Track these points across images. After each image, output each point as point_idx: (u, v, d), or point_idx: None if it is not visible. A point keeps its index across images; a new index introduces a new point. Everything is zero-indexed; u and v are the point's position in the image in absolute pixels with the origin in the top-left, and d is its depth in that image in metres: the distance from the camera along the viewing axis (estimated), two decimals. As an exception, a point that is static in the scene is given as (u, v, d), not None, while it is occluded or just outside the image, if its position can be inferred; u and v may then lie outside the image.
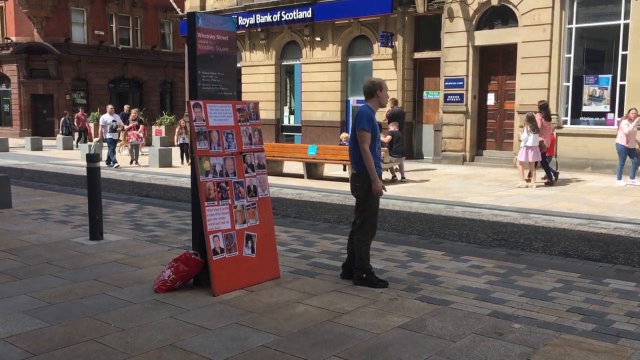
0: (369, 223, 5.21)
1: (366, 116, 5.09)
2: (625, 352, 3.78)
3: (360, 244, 5.22)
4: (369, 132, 5.07)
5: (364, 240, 5.21)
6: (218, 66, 5.27)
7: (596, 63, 15.43)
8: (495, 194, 11.54)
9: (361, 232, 5.22)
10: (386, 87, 5.27)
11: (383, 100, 5.25)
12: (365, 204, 5.21)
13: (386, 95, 5.26)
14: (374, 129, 5.10)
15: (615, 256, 6.79)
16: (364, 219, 5.23)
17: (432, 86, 18.59)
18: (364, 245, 5.22)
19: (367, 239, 5.22)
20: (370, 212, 5.20)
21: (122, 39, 35.19)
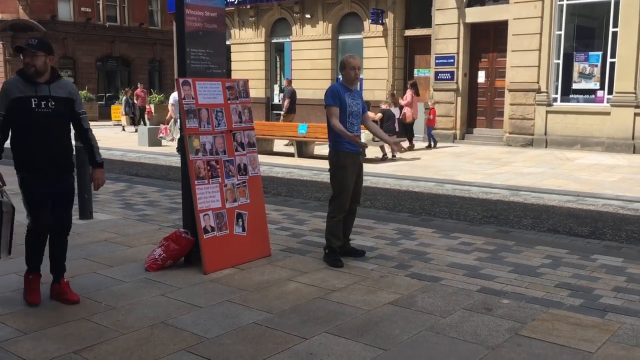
0: (337, 200, 5.21)
1: (329, 92, 5.16)
2: (612, 326, 3.84)
3: (327, 220, 5.26)
4: (335, 106, 5.09)
5: (331, 217, 5.22)
6: (207, 43, 5.21)
7: (586, 40, 15.42)
8: (486, 171, 11.59)
9: (330, 208, 5.26)
10: (351, 66, 5.15)
11: (347, 78, 5.21)
12: (333, 180, 5.25)
13: (350, 74, 5.16)
14: (343, 103, 5.10)
15: (603, 232, 6.86)
16: (332, 195, 5.27)
17: (423, 64, 18.52)
18: (329, 222, 5.23)
19: (334, 215, 5.21)
20: (338, 188, 5.20)
21: (109, 16, 34.66)
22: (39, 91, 4.05)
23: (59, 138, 4.15)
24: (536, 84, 15.50)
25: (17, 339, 3.64)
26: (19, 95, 4.00)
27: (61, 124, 4.16)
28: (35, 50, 4.02)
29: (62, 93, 4.14)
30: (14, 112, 4.01)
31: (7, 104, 4.02)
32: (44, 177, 4.10)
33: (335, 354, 3.45)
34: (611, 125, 14.50)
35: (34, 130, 4.04)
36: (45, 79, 4.09)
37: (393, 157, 13.68)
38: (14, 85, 4.06)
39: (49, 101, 4.06)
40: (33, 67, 4.02)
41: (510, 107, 16.04)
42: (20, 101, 4.00)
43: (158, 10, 36.80)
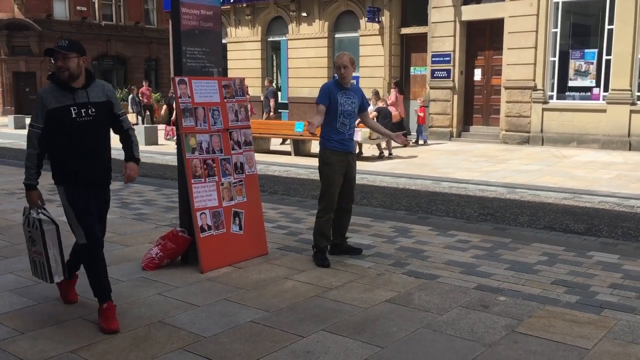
0: (324, 197, 5.21)
1: (321, 89, 5.18)
2: (608, 322, 3.86)
3: (316, 218, 5.26)
4: (322, 104, 5.09)
5: (320, 216, 5.22)
6: (203, 42, 5.20)
7: (582, 37, 15.44)
8: (482, 169, 11.60)
9: (319, 206, 5.27)
10: (336, 66, 5.17)
11: (338, 77, 5.21)
12: (321, 177, 5.25)
13: (340, 74, 5.15)
14: (334, 102, 5.08)
15: (599, 229, 6.88)
16: (320, 192, 5.28)
17: (420, 62, 18.53)
18: (318, 220, 5.23)
19: (323, 215, 5.20)
20: (325, 185, 5.20)
21: (105, 15, 34.60)
22: (77, 98, 3.77)
23: (100, 146, 3.91)
24: (532, 82, 15.52)
25: (14, 338, 3.64)
26: (57, 105, 3.71)
27: (102, 130, 3.90)
28: (67, 51, 3.70)
29: (101, 97, 3.87)
30: (52, 123, 3.72)
31: (45, 115, 3.73)
32: (89, 189, 3.87)
33: (333, 351, 3.46)
34: (607, 123, 14.53)
35: (75, 140, 3.77)
36: (81, 83, 3.80)
37: (390, 155, 13.68)
38: (50, 94, 3.74)
39: (89, 108, 3.79)
40: (66, 70, 3.71)
41: (507, 104, 16.06)
42: (59, 111, 3.71)
43: (154, 8, 36.74)
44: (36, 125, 3.75)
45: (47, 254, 3.80)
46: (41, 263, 3.86)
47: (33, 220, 3.81)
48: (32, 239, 3.86)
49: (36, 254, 3.88)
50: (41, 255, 3.83)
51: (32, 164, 3.77)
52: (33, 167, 3.78)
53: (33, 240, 3.85)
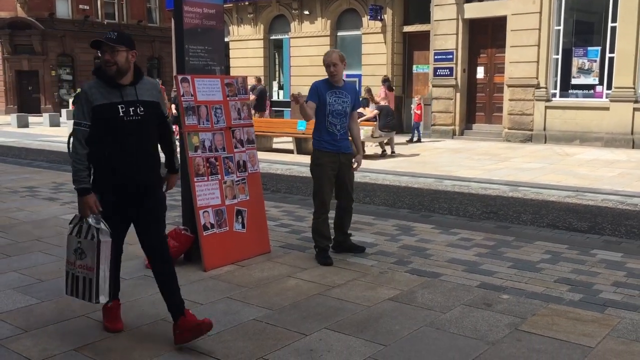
0: (316, 198, 5.20)
1: (311, 88, 5.17)
2: (611, 321, 3.85)
3: (313, 220, 5.26)
4: (311, 101, 5.08)
5: (315, 217, 5.22)
6: (205, 40, 5.20)
7: (585, 35, 15.41)
8: (485, 167, 11.59)
9: (314, 207, 5.27)
10: (325, 64, 5.14)
11: (328, 75, 5.19)
12: (312, 178, 5.24)
13: (330, 72, 5.13)
14: (322, 102, 5.06)
15: (603, 227, 6.86)
16: (312, 193, 5.28)
17: (422, 60, 18.51)
18: (314, 222, 5.23)
19: (317, 216, 5.19)
20: (315, 187, 5.20)
21: (107, 14, 34.63)
22: (125, 95, 3.45)
23: (148, 149, 3.57)
24: (535, 80, 15.50)
25: (17, 336, 3.64)
26: (103, 102, 3.39)
27: (151, 132, 3.58)
28: (115, 44, 3.39)
29: (150, 96, 3.56)
30: (97, 121, 3.39)
31: (90, 112, 3.39)
32: (128, 198, 3.52)
33: (336, 349, 3.46)
34: (610, 121, 14.50)
35: (121, 142, 3.43)
36: (129, 80, 3.48)
37: (392, 153, 13.67)
38: (96, 89, 3.42)
39: (137, 107, 3.47)
40: (114, 65, 3.40)
41: (509, 102, 16.04)
42: (105, 109, 3.39)
43: (156, 7, 36.76)
44: (83, 122, 3.40)
45: (98, 269, 3.40)
46: (88, 279, 3.43)
47: (88, 229, 3.41)
48: (80, 250, 3.44)
49: (83, 269, 3.44)
50: (90, 271, 3.41)
51: (83, 165, 3.41)
52: (84, 169, 3.41)
53: (81, 253, 3.43)
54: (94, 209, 3.41)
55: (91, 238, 3.39)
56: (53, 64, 32.73)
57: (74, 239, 3.47)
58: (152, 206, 3.63)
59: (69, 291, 3.54)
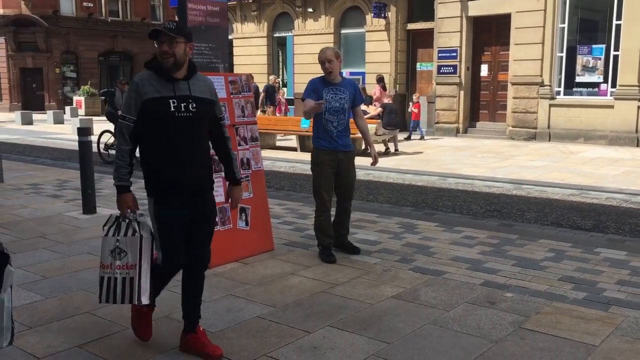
0: (316, 197, 5.20)
1: (307, 86, 5.16)
2: (615, 319, 3.84)
3: (314, 218, 5.26)
4: (309, 100, 5.05)
5: (316, 216, 5.22)
6: (209, 38, 5.21)
7: (590, 33, 15.36)
8: (489, 165, 11.57)
9: (315, 206, 5.26)
10: (320, 61, 5.09)
11: (324, 72, 5.14)
12: (312, 177, 5.23)
13: (325, 69, 5.08)
14: (319, 99, 5.02)
15: (607, 226, 6.85)
16: (313, 192, 5.27)
17: (426, 57, 18.48)
18: (315, 220, 5.23)
19: (319, 214, 5.18)
20: (314, 186, 5.19)
21: (111, 11, 34.66)
22: (177, 90, 3.21)
23: (200, 149, 3.32)
24: (539, 78, 15.46)
25: (21, 333, 3.65)
26: (155, 96, 3.16)
27: (203, 130, 3.34)
28: (175, 34, 3.17)
29: (203, 92, 3.32)
30: (147, 116, 3.17)
31: (139, 106, 3.17)
32: (182, 201, 3.26)
33: (339, 347, 3.46)
34: (615, 119, 14.46)
35: (171, 139, 3.19)
36: (183, 74, 3.26)
37: (396, 151, 13.66)
38: (147, 81, 3.20)
39: (190, 103, 3.23)
40: (172, 56, 3.17)
41: (513, 100, 16.00)
42: (156, 103, 3.16)
43: (160, 4, 36.77)
44: (128, 117, 3.20)
45: (141, 267, 3.18)
46: (129, 279, 3.19)
47: (128, 226, 3.22)
48: (119, 250, 3.22)
49: (122, 269, 3.20)
50: (132, 269, 3.18)
51: (124, 161, 3.22)
52: (125, 166, 3.23)
53: (120, 252, 3.21)
54: (132, 207, 3.26)
55: (132, 234, 3.19)
56: (57, 61, 32.79)
57: (111, 239, 3.23)
58: (200, 212, 3.34)
59: (104, 297, 3.24)
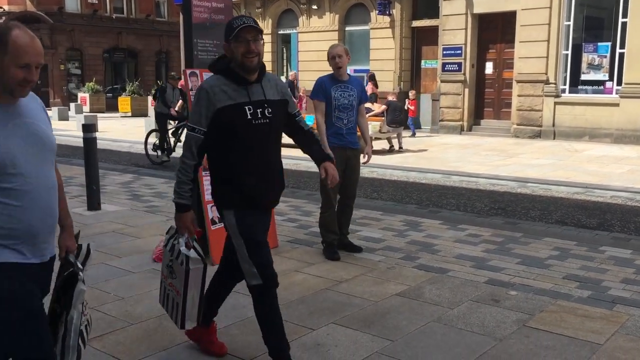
0: (323, 193, 5.20)
1: (315, 85, 5.14)
2: (620, 318, 3.83)
3: (319, 215, 5.27)
4: (318, 100, 5.06)
5: (321, 212, 5.23)
6: (214, 34, 5.20)
7: (595, 31, 15.29)
8: (493, 163, 11.54)
9: (321, 203, 5.27)
10: (330, 56, 5.10)
11: (333, 68, 5.14)
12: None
13: (335, 63, 5.08)
14: (328, 97, 5.03)
15: (612, 224, 6.82)
16: (319, 188, 5.27)
17: (430, 55, 18.44)
18: (320, 217, 5.24)
19: (324, 211, 5.20)
20: (321, 183, 5.15)
21: (116, 8, 34.68)
22: (252, 94, 2.90)
23: (277, 157, 3.08)
24: (544, 75, 15.41)
25: (26, 329, 3.66)
26: (229, 103, 2.84)
27: (279, 137, 3.07)
28: (259, 32, 2.86)
29: (276, 94, 3.01)
30: (219, 126, 2.86)
31: (211, 115, 2.84)
32: (264, 211, 3.06)
33: (343, 344, 3.46)
34: (620, 117, 14.40)
35: (248, 149, 2.90)
36: (256, 76, 2.94)
37: (400, 148, 13.64)
38: (218, 88, 2.86)
39: (265, 108, 2.92)
40: (256, 56, 2.86)
41: (518, 98, 15.95)
42: (230, 111, 2.84)
43: (164, 1, 36.76)
44: (198, 128, 2.88)
45: (186, 296, 3.03)
46: (175, 303, 3.10)
47: (179, 253, 3.02)
48: (171, 268, 3.10)
49: (172, 288, 3.12)
50: (178, 295, 3.07)
51: (188, 177, 2.95)
52: (188, 182, 2.96)
53: (172, 272, 3.10)
54: (190, 229, 2.99)
55: (181, 263, 3.00)
56: (62, 58, 32.84)
57: (167, 254, 3.11)
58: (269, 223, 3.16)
59: (161, 302, 3.25)
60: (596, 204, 8.02)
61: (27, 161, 2.17)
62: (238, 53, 2.84)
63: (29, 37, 2.18)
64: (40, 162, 2.25)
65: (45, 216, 2.25)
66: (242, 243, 2.95)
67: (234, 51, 2.85)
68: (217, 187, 3.03)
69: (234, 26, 2.85)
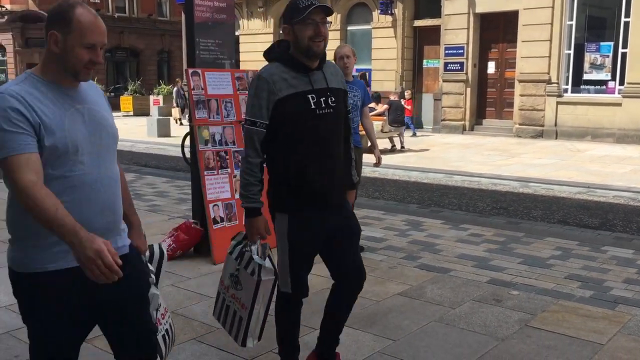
0: None
1: None
2: (622, 317, 3.82)
3: None
4: None
5: None
6: (216, 34, 5.21)
7: (598, 30, 15.27)
8: (495, 163, 11.53)
9: None
10: (339, 56, 5.07)
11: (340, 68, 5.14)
12: None
13: (343, 64, 5.05)
14: None
15: (614, 224, 6.81)
16: None
17: (432, 54, 18.42)
18: None
19: None
20: None
21: (118, 7, 34.68)
22: (314, 82, 2.64)
23: (342, 149, 2.80)
24: (547, 75, 15.39)
25: (28, 327, 3.67)
26: (290, 92, 2.58)
27: (341, 129, 2.80)
28: (329, 14, 2.61)
29: (338, 82, 2.76)
30: (280, 118, 2.59)
31: (271, 106, 2.58)
32: (324, 215, 2.73)
33: (345, 344, 3.46)
34: (622, 117, 14.37)
35: (312, 143, 2.64)
36: (317, 63, 2.68)
37: (402, 148, 13.64)
38: (279, 76, 2.59)
39: (329, 97, 2.66)
40: (323, 40, 2.61)
41: (520, 98, 15.94)
42: (293, 100, 2.58)
43: (167, 1, 36.77)
44: (259, 121, 2.60)
45: (252, 310, 2.75)
46: (238, 317, 2.81)
47: (250, 260, 2.73)
48: (236, 279, 2.79)
49: (235, 301, 2.82)
50: (243, 309, 2.77)
51: (256, 177, 2.65)
52: (256, 182, 2.66)
53: (237, 282, 2.79)
54: (263, 234, 2.73)
55: (251, 273, 2.70)
56: (64, 56, 32.80)
57: (232, 262, 2.82)
58: (349, 223, 2.88)
59: (217, 315, 2.97)
60: (598, 203, 8.01)
61: (89, 150, 1.97)
62: (304, 36, 2.57)
63: (93, 16, 2.02)
64: (103, 151, 2.04)
65: (106, 211, 2.02)
66: (287, 251, 2.77)
67: (298, 35, 2.58)
68: (272, 186, 2.74)
69: (300, 6, 2.55)
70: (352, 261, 2.89)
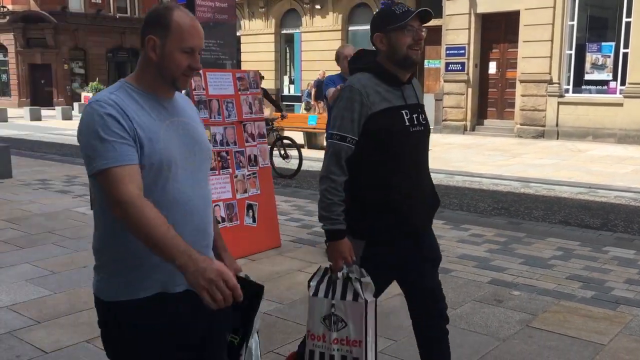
0: None
1: (327, 81, 5.15)
2: (623, 318, 3.82)
3: None
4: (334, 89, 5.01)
5: None
6: (217, 34, 5.22)
7: (599, 31, 15.26)
8: (496, 163, 11.53)
9: None
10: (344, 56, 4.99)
11: (343, 69, 5.08)
12: None
13: (345, 65, 4.98)
14: None
15: (615, 224, 6.81)
16: None
17: (433, 55, 18.42)
18: None
19: None
20: None
21: (119, 8, 34.76)
22: (407, 97, 2.42)
23: (428, 170, 2.58)
24: (548, 75, 15.38)
25: (30, 327, 3.68)
26: (385, 106, 2.33)
27: (428, 147, 2.59)
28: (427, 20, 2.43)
29: (421, 97, 2.55)
30: (372, 134, 2.32)
31: (363, 121, 2.31)
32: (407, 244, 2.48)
33: (346, 344, 3.46)
34: (624, 117, 14.37)
35: (404, 163, 2.39)
36: (408, 76, 2.47)
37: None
38: (371, 88, 2.33)
39: (420, 113, 2.45)
40: (419, 48, 2.42)
41: (522, 98, 15.93)
42: (387, 116, 2.33)
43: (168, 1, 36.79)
44: (350, 137, 2.32)
45: (367, 343, 2.36)
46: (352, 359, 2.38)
47: (346, 285, 2.37)
48: (335, 318, 2.38)
49: (342, 344, 2.38)
50: (357, 346, 2.35)
51: (339, 197, 2.35)
52: (340, 202, 2.35)
53: (337, 321, 2.38)
54: (348, 259, 2.38)
55: (354, 298, 2.35)
56: (65, 57, 32.91)
57: (323, 301, 2.40)
58: (431, 254, 2.69)
59: None
60: (600, 204, 8.00)
61: (183, 167, 1.81)
62: (402, 44, 2.34)
63: (191, 19, 1.83)
64: (196, 169, 1.88)
65: (200, 234, 1.85)
66: None
67: (395, 43, 2.35)
68: (353, 210, 2.38)
69: (397, 12, 2.36)
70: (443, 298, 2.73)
